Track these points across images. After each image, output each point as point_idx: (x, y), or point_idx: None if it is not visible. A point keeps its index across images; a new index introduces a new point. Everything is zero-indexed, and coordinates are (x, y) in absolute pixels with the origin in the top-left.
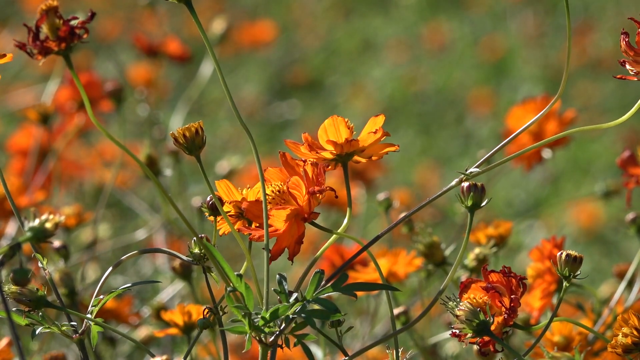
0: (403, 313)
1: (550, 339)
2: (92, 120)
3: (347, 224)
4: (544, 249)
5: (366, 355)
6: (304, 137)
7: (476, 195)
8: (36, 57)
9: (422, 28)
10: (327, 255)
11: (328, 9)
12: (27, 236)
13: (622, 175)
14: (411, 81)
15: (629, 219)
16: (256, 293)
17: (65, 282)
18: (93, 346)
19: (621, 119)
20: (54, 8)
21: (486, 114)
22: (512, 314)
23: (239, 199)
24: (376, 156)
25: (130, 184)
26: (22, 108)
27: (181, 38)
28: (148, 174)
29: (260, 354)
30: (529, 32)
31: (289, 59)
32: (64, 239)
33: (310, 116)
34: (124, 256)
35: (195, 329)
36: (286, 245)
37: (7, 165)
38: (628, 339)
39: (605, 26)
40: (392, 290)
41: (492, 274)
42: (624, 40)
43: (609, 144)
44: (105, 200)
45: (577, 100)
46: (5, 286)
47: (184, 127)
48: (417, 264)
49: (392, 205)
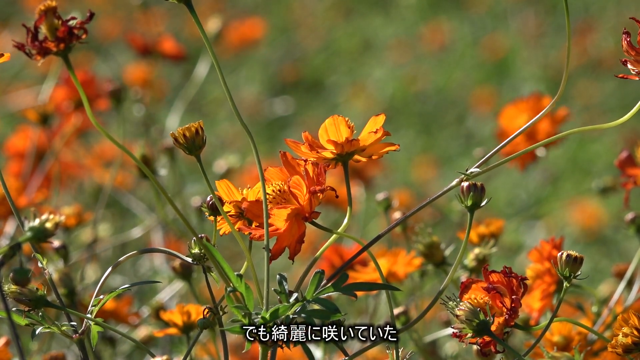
0: (403, 313)
1: (550, 339)
2: (90, 120)
3: (347, 224)
4: (543, 250)
5: (366, 355)
6: (304, 136)
7: (476, 195)
8: (35, 57)
9: (422, 28)
10: (327, 255)
11: (328, 9)
12: (27, 236)
13: (620, 175)
14: (412, 81)
15: (628, 219)
16: (256, 293)
17: (64, 282)
18: (93, 346)
19: (621, 119)
20: (53, 8)
21: (487, 113)
22: (514, 314)
23: (239, 199)
24: (376, 155)
25: (129, 184)
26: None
27: (181, 38)
28: (146, 172)
29: (260, 354)
30: (529, 32)
31: (290, 59)
32: (63, 239)
33: (310, 116)
34: (123, 256)
35: (195, 329)
36: (287, 244)
37: (5, 167)
38: (628, 339)
39: (606, 26)
40: (392, 290)
41: (492, 274)
42: (625, 39)
43: (609, 144)
44: (105, 200)
45: (578, 100)
46: (5, 286)
47: (184, 127)
48: (417, 264)
49: (391, 205)
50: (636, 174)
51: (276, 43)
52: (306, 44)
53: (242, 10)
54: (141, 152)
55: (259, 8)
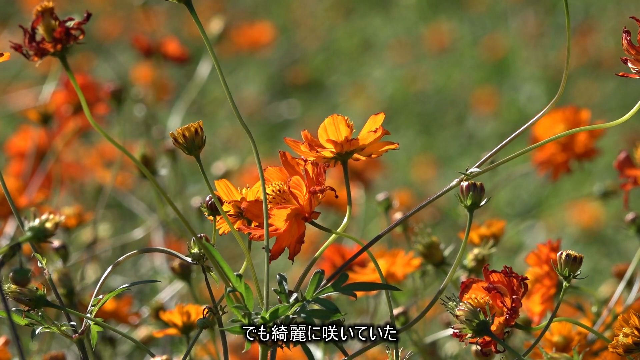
0: (402, 313)
1: (550, 339)
2: (90, 123)
3: (347, 224)
4: (541, 253)
5: (366, 355)
6: (303, 135)
7: (475, 195)
8: (32, 58)
9: (422, 28)
10: (327, 256)
11: (328, 9)
12: (27, 236)
13: (619, 176)
14: (411, 81)
15: (628, 219)
16: (256, 293)
17: (63, 282)
18: (93, 346)
19: (621, 119)
20: (50, 9)
21: (487, 113)
22: (514, 314)
23: (238, 199)
24: (376, 154)
25: (129, 184)
26: (22, 109)
27: (181, 38)
28: (145, 173)
29: (260, 354)
30: (529, 32)
31: (289, 59)
32: (64, 239)
33: (310, 116)
34: (122, 256)
35: (194, 329)
36: (287, 244)
37: (6, 167)
38: (629, 339)
39: (606, 26)
40: (392, 290)
41: (493, 274)
42: (625, 38)
43: (610, 144)
44: (105, 200)
45: (578, 100)
46: (5, 286)
47: (184, 127)
48: (416, 265)
49: (391, 206)
50: (635, 174)
51: (276, 43)
52: (306, 44)
53: (242, 10)
54: (142, 152)
55: (259, 8)
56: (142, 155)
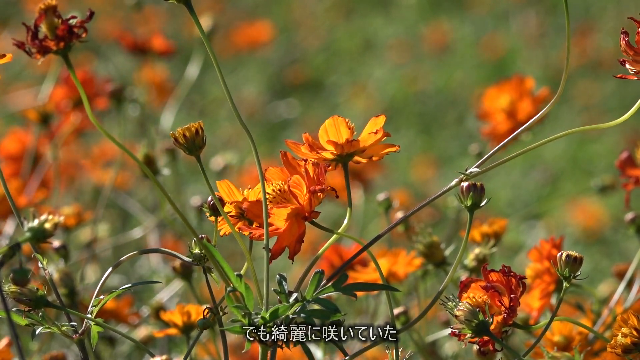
0: (403, 313)
1: (551, 339)
2: (89, 119)
3: (348, 224)
4: (542, 249)
5: (366, 355)
6: (304, 137)
7: (475, 195)
8: (35, 56)
9: (423, 28)
10: (327, 256)
11: (329, 9)
12: (26, 236)
13: (620, 176)
14: (412, 81)
15: (628, 219)
16: (256, 293)
17: (65, 282)
18: (93, 346)
19: (621, 118)
20: (53, 7)
21: None
22: (512, 313)
23: (239, 199)
24: (377, 156)
25: (129, 184)
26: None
27: (181, 38)
28: (147, 173)
29: (260, 354)
30: (529, 32)
31: (290, 59)
32: (63, 239)
33: (310, 116)
34: (123, 257)
35: (195, 329)
36: (287, 244)
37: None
38: (627, 339)
39: (606, 27)
40: (392, 291)
41: (491, 273)
42: (623, 39)
43: (610, 144)
44: (104, 200)
45: (578, 100)
46: (5, 286)
47: (184, 127)
48: (417, 264)
49: (392, 206)
50: (636, 174)
51: (276, 43)
52: (306, 44)
53: (242, 10)
54: (144, 152)
55: (259, 8)
56: (144, 155)
